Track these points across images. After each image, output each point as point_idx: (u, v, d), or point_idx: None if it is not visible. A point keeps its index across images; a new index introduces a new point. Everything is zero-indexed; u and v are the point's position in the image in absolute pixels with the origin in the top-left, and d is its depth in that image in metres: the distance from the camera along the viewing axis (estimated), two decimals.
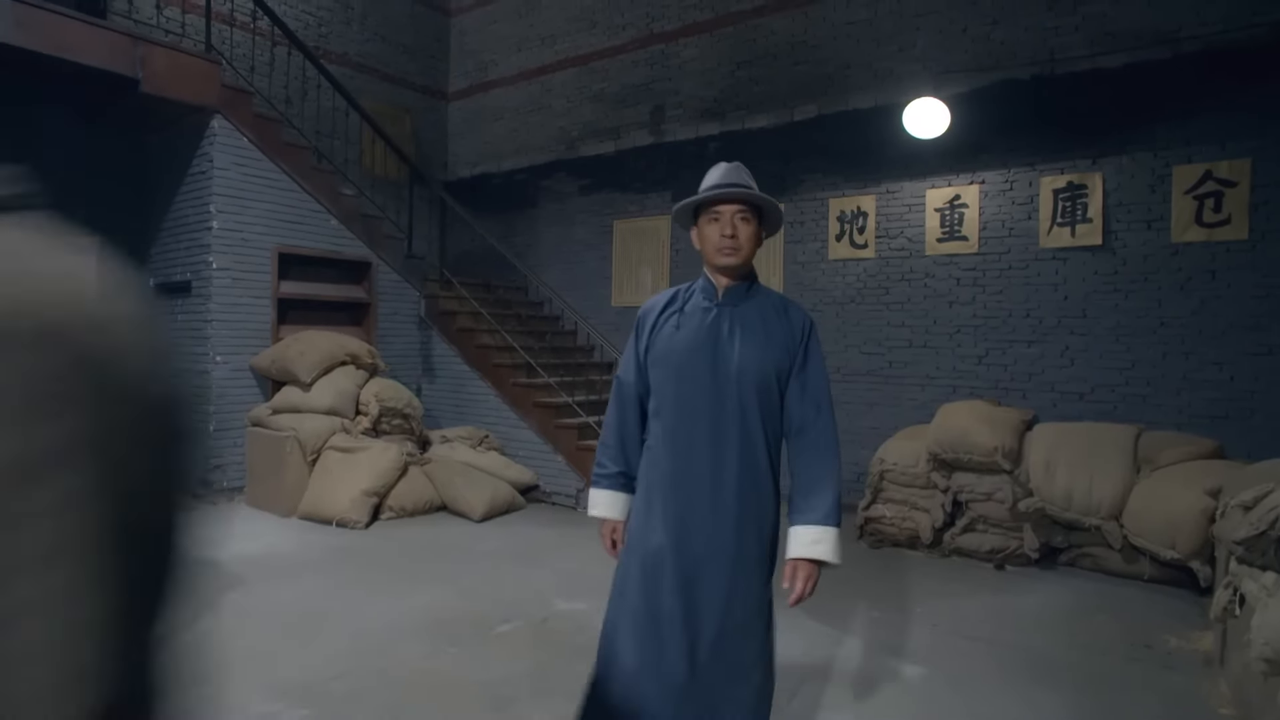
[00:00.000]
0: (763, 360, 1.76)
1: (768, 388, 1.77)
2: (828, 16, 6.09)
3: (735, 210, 1.78)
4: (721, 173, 1.83)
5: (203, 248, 5.63)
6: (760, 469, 1.77)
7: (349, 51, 7.87)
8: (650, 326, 1.88)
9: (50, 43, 4.77)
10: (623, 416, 1.93)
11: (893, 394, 5.95)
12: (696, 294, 1.87)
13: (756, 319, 1.80)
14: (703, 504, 1.74)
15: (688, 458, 1.77)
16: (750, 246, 1.79)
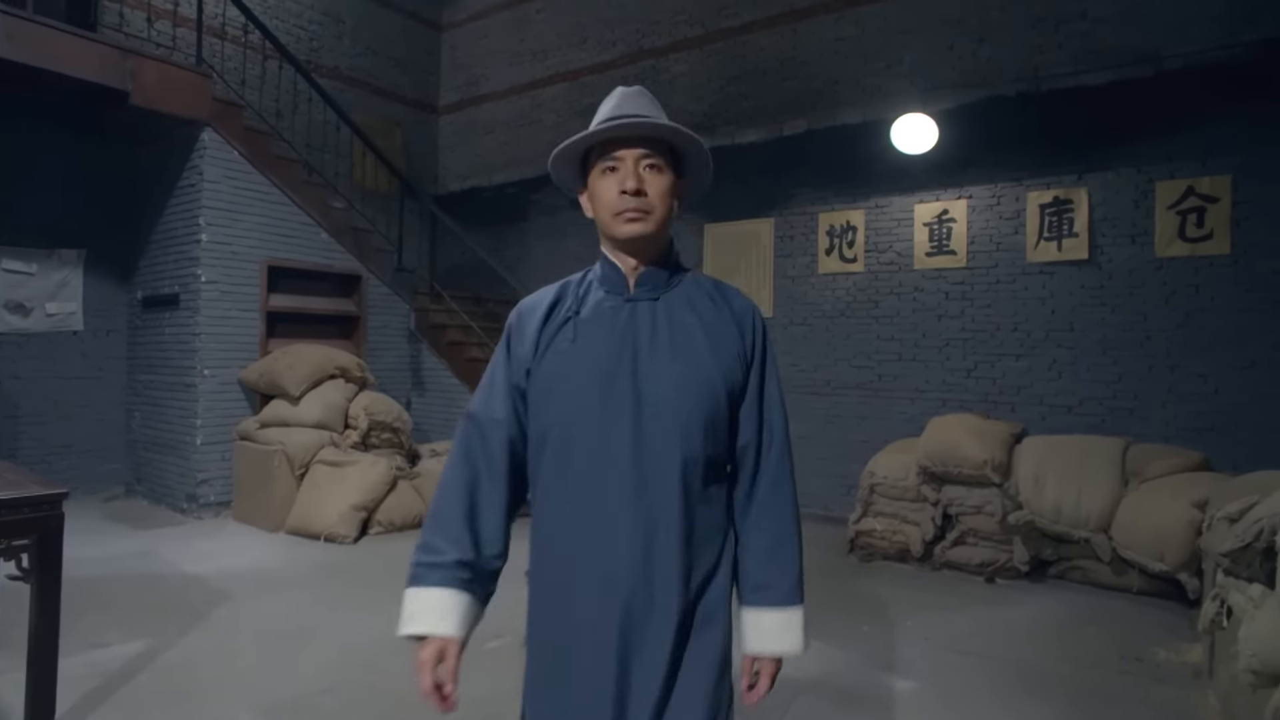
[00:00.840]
0: (708, 374, 1.20)
1: (718, 416, 1.20)
2: (816, 33, 6.16)
3: (640, 155, 1.19)
4: (617, 101, 1.24)
5: (191, 260, 5.60)
6: (717, 548, 1.23)
7: (340, 65, 7.90)
8: (532, 341, 1.24)
9: (40, 55, 4.76)
10: (473, 475, 1.24)
11: (882, 407, 5.97)
12: (594, 288, 1.27)
13: (688, 314, 1.23)
14: (634, 610, 1.15)
15: (600, 542, 1.16)
16: (665, 206, 1.21)
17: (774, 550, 1.26)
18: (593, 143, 1.22)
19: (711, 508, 1.23)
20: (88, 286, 6.11)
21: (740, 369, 1.24)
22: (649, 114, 1.20)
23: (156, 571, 4.27)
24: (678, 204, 1.25)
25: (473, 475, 1.24)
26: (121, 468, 6.32)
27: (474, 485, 1.24)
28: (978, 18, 5.39)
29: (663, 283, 1.26)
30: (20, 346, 5.75)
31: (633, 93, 1.26)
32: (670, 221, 1.24)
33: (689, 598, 1.18)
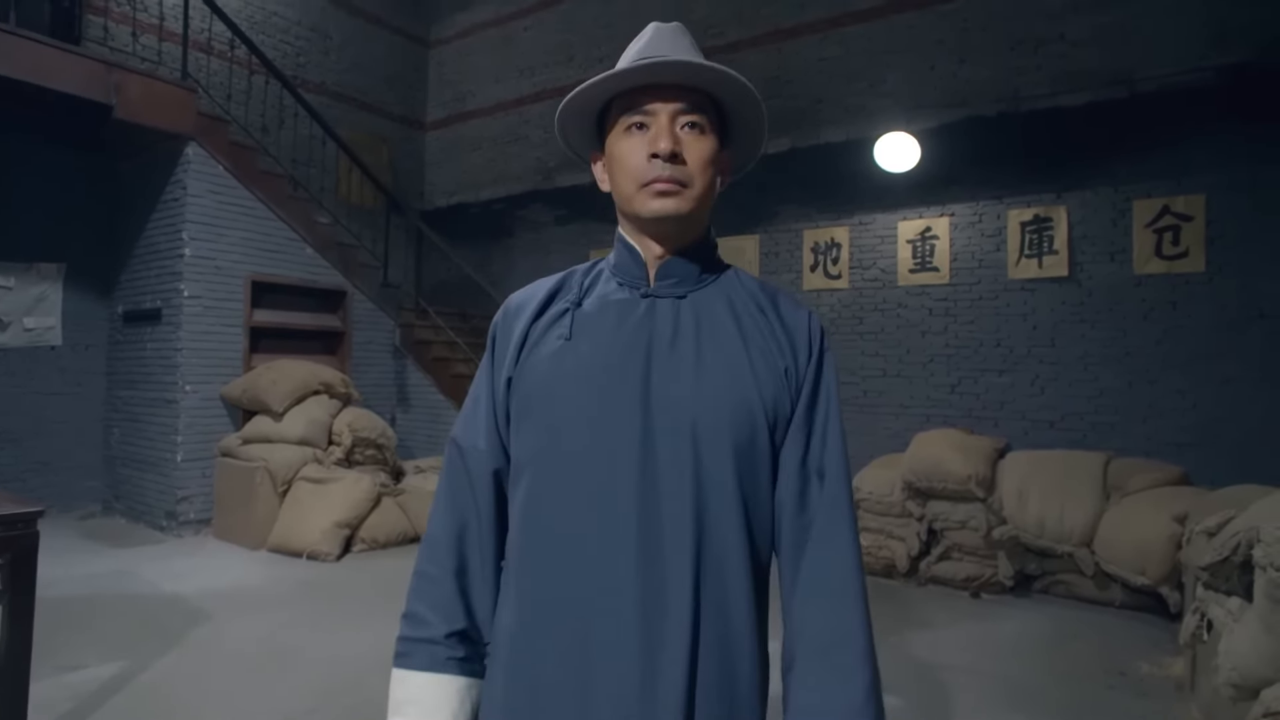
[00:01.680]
0: (742, 392, 0.88)
1: (752, 446, 0.88)
2: (801, 53, 6.25)
3: (677, 110, 0.90)
4: (650, 37, 0.94)
5: (174, 275, 5.56)
6: (738, 617, 0.86)
7: (327, 81, 7.90)
8: (517, 342, 0.95)
9: (23, 68, 4.73)
10: (461, 520, 0.96)
11: (867, 423, 6.00)
12: (604, 278, 0.99)
13: (725, 317, 0.93)
14: (625, 693, 0.82)
15: (577, 604, 0.86)
16: (705, 179, 0.91)
17: (839, 638, 0.85)
18: (617, 90, 0.91)
19: (734, 595, 0.85)
20: (67, 301, 6.04)
21: (784, 392, 0.90)
22: (687, 57, 0.90)
23: (134, 591, 4.19)
24: (722, 180, 0.96)
25: (460, 521, 0.95)
26: (99, 485, 6.22)
27: (462, 534, 0.95)
28: (958, 39, 5.49)
29: (693, 277, 0.95)
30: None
31: (670, 29, 0.94)
32: (712, 200, 0.94)
33: (705, 689, 0.83)
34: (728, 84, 0.91)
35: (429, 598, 0.94)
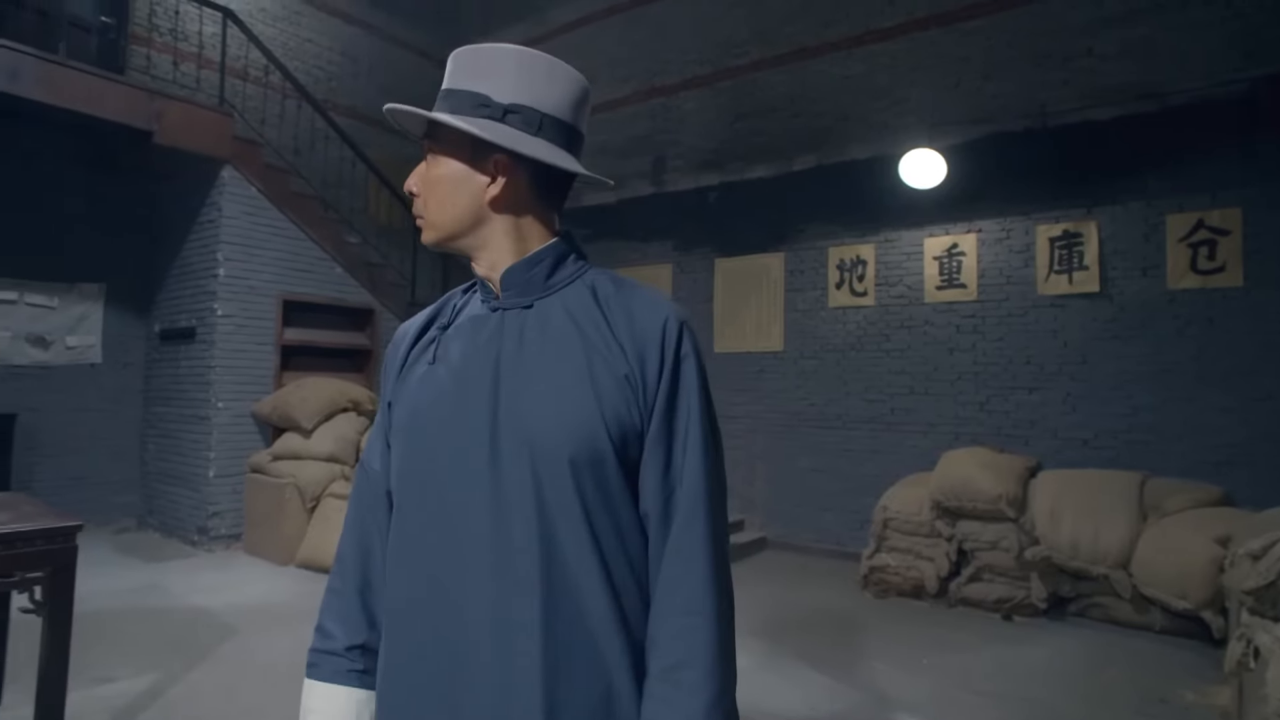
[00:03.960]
0: (579, 405, 0.85)
1: (595, 462, 0.84)
2: (824, 71, 6.26)
3: (425, 144, 0.96)
4: (448, 70, 0.96)
5: (209, 294, 5.69)
6: (605, 642, 0.83)
7: (357, 104, 8.08)
8: (396, 368, 1.00)
9: (71, 97, 4.90)
10: (366, 538, 1.00)
11: (895, 441, 5.93)
12: (475, 297, 1.00)
13: (567, 325, 0.90)
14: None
15: (437, 633, 0.86)
16: (440, 202, 0.94)
17: (677, 668, 0.82)
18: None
19: (591, 617, 0.83)
20: (107, 320, 6.21)
21: (632, 403, 0.85)
22: (460, 88, 0.92)
23: (165, 605, 4.26)
24: (504, 181, 0.91)
25: (363, 539, 1.00)
26: (134, 500, 6.35)
27: (366, 551, 0.99)
28: (984, 56, 5.47)
29: (537, 285, 0.92)
30: (40, 379, 5.83)
31: (465, 54, 0.94)
32: (474, 211, 0.92)
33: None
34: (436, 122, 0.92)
35: (334, 612, 1.00)
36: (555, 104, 0.92)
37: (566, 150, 0.93)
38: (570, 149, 0.94)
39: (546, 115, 0.91)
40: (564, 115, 0.93)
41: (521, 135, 0.89)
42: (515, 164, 0.91)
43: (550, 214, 0.97)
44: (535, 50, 0.95)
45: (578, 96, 0.95)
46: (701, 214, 6.92)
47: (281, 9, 7.48)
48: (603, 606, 0.83)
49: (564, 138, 0.93)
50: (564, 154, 0.92)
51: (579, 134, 0.96)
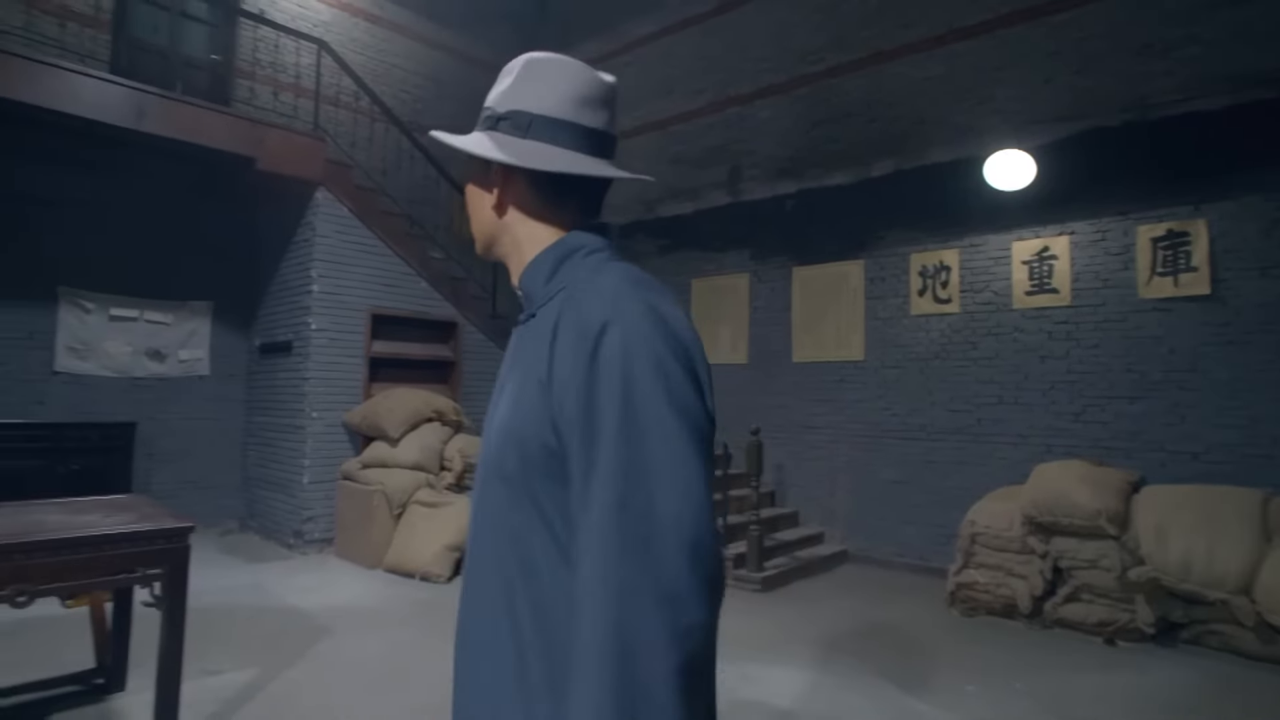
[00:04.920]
0: (512, 418, 0.84)
1: (522, 477, 0.81)
2: (903, 74, 6.12)
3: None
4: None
5: (303, 310, 6.01)
6: (486, 683, 0.83)
7: (440, 124, 8.34)
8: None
9: (186, 130, 5.31)
10: None
11: (982, 453, 5.69)
12: None
13: (532, 336, 0.86)
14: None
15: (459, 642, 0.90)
16: (477, 215, 0.97)
17: (574, 664, 0.71)
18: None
19: (488, 655, 0.84)
20: (214, 335, 6.64)
21: (547, 411, 0.78)
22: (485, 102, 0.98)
23: (264, 604, 4.50)
24: (510, 195, 0.92)
25: None
26: (237, 503, 6.74)
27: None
28: (1076, 49, 5.23)
29: (536, 297, 0.90)
30: (156, 390, 6.28)
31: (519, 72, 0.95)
32: (495, 222, 0.94)
33: None
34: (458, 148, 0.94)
35: None
36: (552, 104, 0.89)
37: (568, 149, 0.88)
38: (574, 146, 0.89)
39: (537, 116, 0.89)
40: (561, 114, 0.89)
41: (508, 140, 0.90)
42: (509, 171, 0.91)
43: (564, 216, 0.92)
44: (551, 54, 0.94)
45: (583, 93, 0.90)
46: (778, 222, 6.86)
47: (370, 38, 7.86)
48: (501, 649, 0.82)
49: (563, 136, 0.89)
50: (558, 152, 0.88)
51: (586, 130, 0.90)
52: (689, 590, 0.68)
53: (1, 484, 5.05)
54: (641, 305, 0.78)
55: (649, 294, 0.80)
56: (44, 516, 2.56)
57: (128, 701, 3.02)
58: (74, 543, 2.26)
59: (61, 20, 5.59)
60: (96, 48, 5.89)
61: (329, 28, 7.40)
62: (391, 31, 8.05)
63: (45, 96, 4.78)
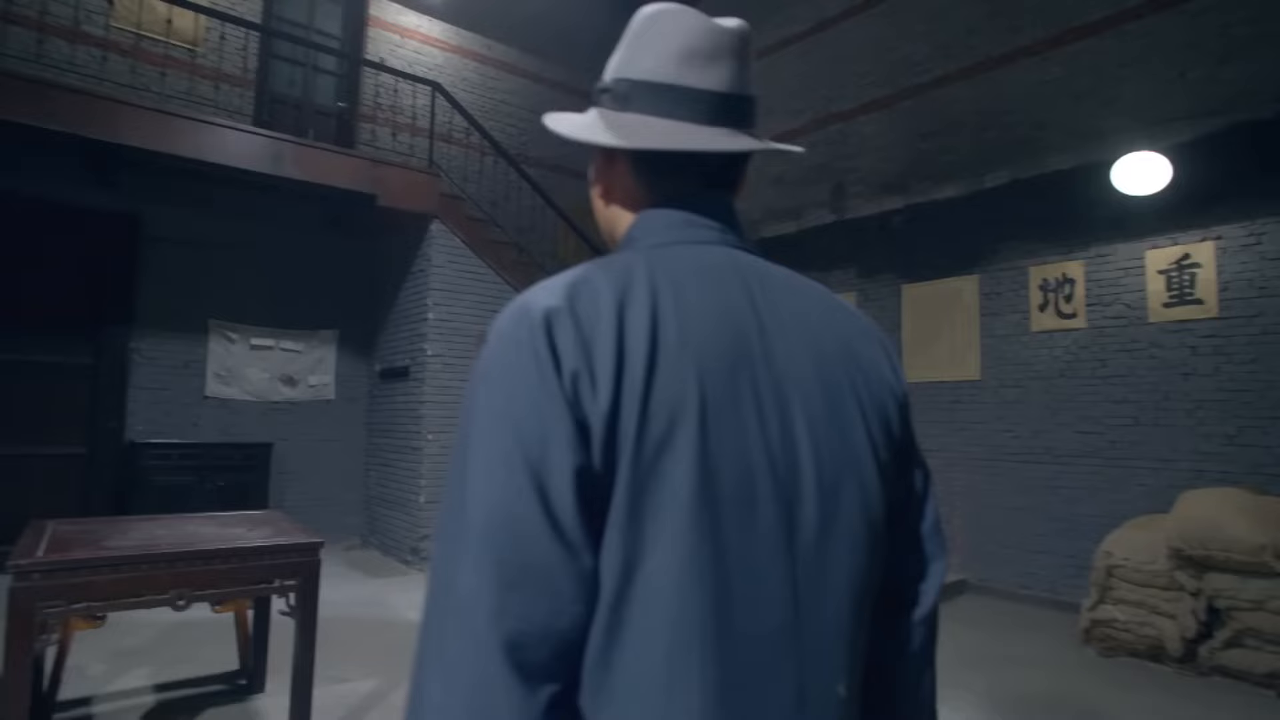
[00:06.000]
0: None
1: None
2: (1017, 79, 5.84)
3: None
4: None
5: (420, 336, 6.33)
6: None
7: (546, 155, 8.69)
8: None
9: (315, 172, 5.77)
10: None
11: (1117, 478, 5.26)
12: None
13: None
14: None
15: None
16: (596, 205, 0.86)
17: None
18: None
19: None
20: (339, 362, 7.11)
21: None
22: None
23: (386, 617, 4.72)
24: (605, 187, 0.82)
25: None
26: (359, 521, 7.14)
27: None
28: (1217, 38, 4.83)
29: None
30: (289, 413, 6.78)
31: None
32: (599, 214, 0.85)
33: None
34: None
35: None
36: (651, 65, 0.73)
37: (670, 118, 0.72)
38: (679, 114, 0.72)
39: (637, 83, 0.73)
40: (661, 76, 0.72)
41: (609, 115, 0.75)
42: (609, 152, 0.78)
43: (677, 197, 0.74)
44: (661, 5, 0.75)
45: (689, 46, 0.72)
46: (885, 239, 6.66)
47: (478, 76, 8.28)
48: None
49: (664, 103, 0.72)
50: (655, 124, 0.72)
51: (695, 93, 0.72)
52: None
53: (163, 497, 5.59)
54: (519, 301, 0.66)
55: (558, 279, 0.66)
56: (198, 528, 2.81)
57: (266, 703, 3.24)
58: (224, 553, 2.46)
59: (216, 82, 6.20)
60: (243, 104, 6.50)
61: (442, 70, 7.85)
62: (498, 69, 8.45)
63: (202, 150, 5.32)
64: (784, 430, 0.63)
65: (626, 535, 0.56)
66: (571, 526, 0.55)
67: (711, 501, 0.58)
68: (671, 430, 0.58)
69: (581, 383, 0.58)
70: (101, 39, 5.79)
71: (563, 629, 0.55)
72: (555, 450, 0.56)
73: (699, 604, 0.56)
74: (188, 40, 6.21)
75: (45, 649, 2.29)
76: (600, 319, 0.60)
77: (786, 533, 0.61)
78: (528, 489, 0.55)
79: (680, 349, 0.60)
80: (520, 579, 0.54)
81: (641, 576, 0.56)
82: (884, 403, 0.71)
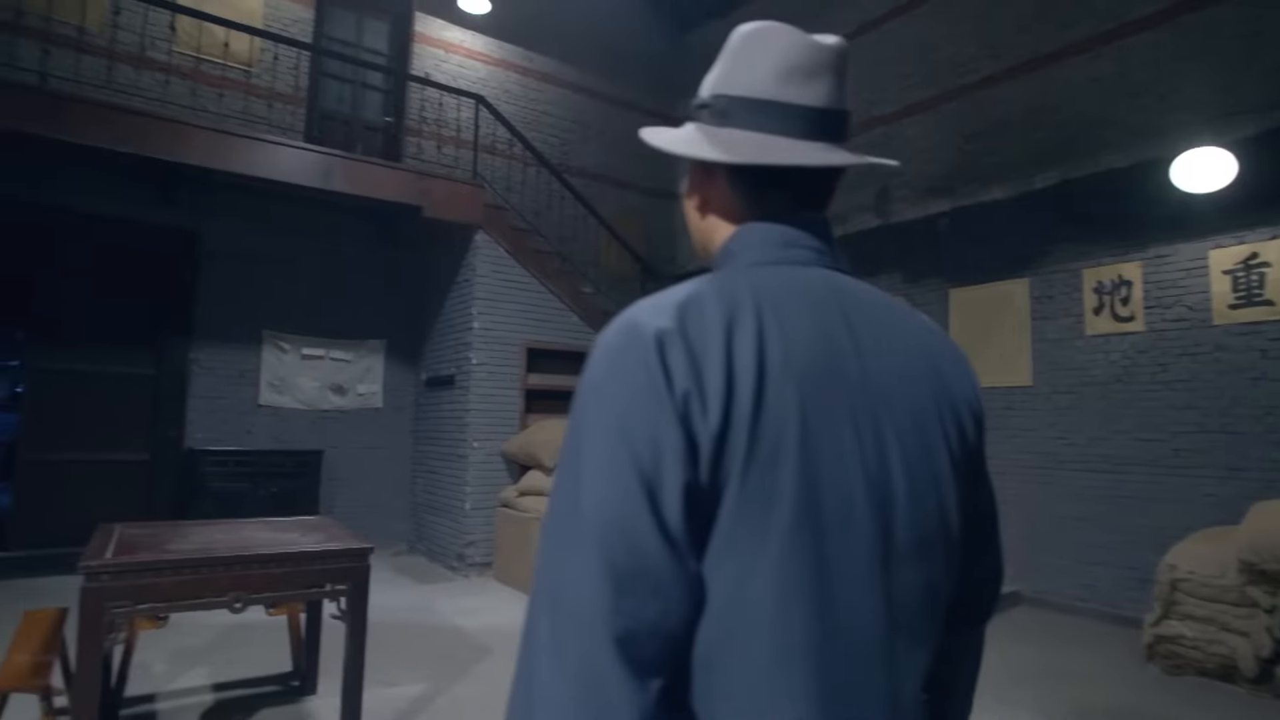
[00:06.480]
0: None
1: None
2: (1067, 77, 5.69)
3: None
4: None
5: (465, 345, 6.42)
6: None
7: (587, 165, 8.77)
8: None
9: (363, 185, 5.93)
10: None
11: (1180, 488, 5.05)
12: None
13: None
14: None
15: None
16: (690, 218, 0.85)
17: None
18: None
19: None
20: (386, 370, 7.26)
21: None
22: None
23: (432, 623, 4.78)
24: (701, 198, 0.82)
25: None
26: (406, 527, 7.26)
27: None
28: None
29: None
30: (339, 421, 6.94)
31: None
32: (690, 226, 0.86)
33: None
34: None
35: None
36: (750, 81, 0.75)
37: (770, 134, 0.74)
38: (779, 130, 0.74)
39: (736, 99, 0.76)
40: (761, 92, 0.75)
41: (708, 130, 0.78)
42: (708, 167, 0.80)
43: (771, 214, 0.77)
44: (761, 23, 0.78)
45: (790, 63, 0.74)
46: (931, 243, 6.54)
47: (520, 88, 8.39)
48: None
49: (765, 119, 0.74)
50: (756, 139, 0.74)
51: (795, 110, 0.74)
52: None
53: (219, 501, 5.77)
54: (613, 322, 0.69)
55: (664, 296, 0.69)
56: (254, 533, 2.89)
57: (318, 704, 3.31)
58: (279, 558, 2.53)
59: (269, 101, 6.42)
60: (295, 121, 6.71)
61: (485, 83, 7.99)
62: (540, 81, 8.56)
63: (257, 166, 5.51)
64: (877, 449, 0.66)
65: (732, 548, 0.60)
66: (680, 534, 0.59)
67: (813, 518, 0.61)
68: (776, 450, 0.61)
69: (692, 403, 0.61)
70: (165, 63, 6.04)
71: (670, 627, 0.59)
72: (667, 463, 0.59)
73: (802, 615, 0.60)
74: (243, 61, 6.44)
75: (113, 647, 2.38)
76: (709, 341, 0.63)
77: (881, 547, 0.64)
78: (641, 498, 0.59)
79: (784, 371, 0.63)
80: (633, 581, 0.58)
81: (747, 588, 0.60)
82: (964, 421, 0.75)
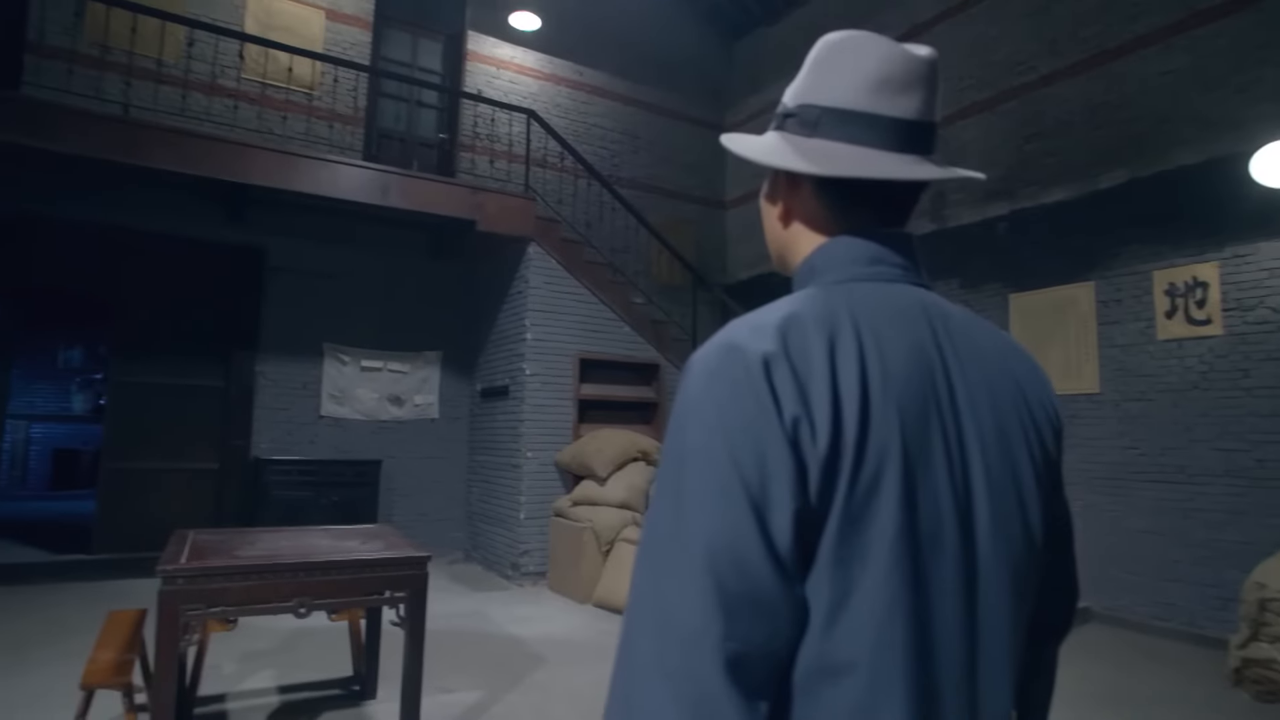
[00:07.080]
0: None
1: None
2: (1134, 72, 5.47)
3: None
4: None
5: (518, 356, 6.51)
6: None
7: (637, 176, 8.82)
8: None
9: (419, 201, 6.09)
10: None
11: (1266, 500, 4.77)
12: None
13: None
14: None
15: None
16: (770, 228, 0.86)
17: None
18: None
19: None
20: (442, 382, 7.41)
21: None
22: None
23: (487, 630, 4.84)
24: (783, 206, 0.82)
25: None
26: (462, 536, 7.37)
27: None
28: None
29: None
30: (396, 431, 7.11)
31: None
32: (770, 236, 0.86)
33: None
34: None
35: None
36: (841, 92, 0.74)
37: (862, 145, 0.73)
38: (870, 141, 0.73)
39: (826, 109, 0.75)
40: (852, 104, 0.74)
41: (795, 140, 0.77)
42: (793, 177, 0.79)
43: (857, 226, 0.76)
44: (850, 32, 0.77)
45: (883, 74, 0.73)
46: (989, 247, 6.37)
47: (571, 102, 8.50)
48: None
49: (856, 130, 0.74)
50: (847, 151, 0.74)
51: (886, 121, 0.73)
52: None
53: (283, 509, 5.97)
54: (706, 345, 0.66)
55: (764, 313, 0.68)
56: (316, 541, 2.97)
57: (378, 709, 3.38)
58: (341, 565, 2.60)
59: (330, 122, 6.66)
60: (354, 140, 6.94)
61: (536, 98, 8.12)
62: (590, 94, 8.66)
63: (318, 185, 5.72)
64: (964, 469, 0.66)
65: (836, 570, 0.60)
66: (789, 559, 0.59)
67: (912, 540, 0.61)
68: (880, 472, 0.61)
69: (802, 429, 0.60)
70: (234, 90, 6.33)
71: (777, 649, 0.59)
72: (776, 488, 0.59)
73: (901, 638, 0.60)
74: (306, 85, 6.70)
75: (188, 648, 2.48)
76: (814, 365, 0.63)
77: (969, 568, 0.65)
78: (750, 523, 0.58)
79: (884, 393, 0.63)
80: (743, 605, 0.57)
81: (849, 610, 0.60)
82: (1044, 434, 0.75)
